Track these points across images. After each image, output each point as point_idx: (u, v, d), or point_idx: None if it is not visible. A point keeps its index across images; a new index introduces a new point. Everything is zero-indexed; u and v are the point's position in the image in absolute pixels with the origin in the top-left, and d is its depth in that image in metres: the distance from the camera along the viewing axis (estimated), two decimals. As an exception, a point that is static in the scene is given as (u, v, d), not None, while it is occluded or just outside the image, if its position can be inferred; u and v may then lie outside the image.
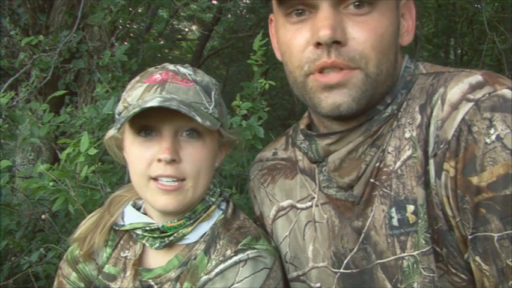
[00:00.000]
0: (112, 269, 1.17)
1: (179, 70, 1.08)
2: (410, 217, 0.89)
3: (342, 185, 0.98)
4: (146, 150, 1.03)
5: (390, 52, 0.92)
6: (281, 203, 1.15)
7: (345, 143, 0.95)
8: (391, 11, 0.91)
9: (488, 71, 0.87)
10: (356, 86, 0.89)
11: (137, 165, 1.05)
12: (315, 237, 1.06)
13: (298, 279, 1.10)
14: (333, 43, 0.86)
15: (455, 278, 0.88)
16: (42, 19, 3.02)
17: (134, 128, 1.05)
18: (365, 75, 0.89)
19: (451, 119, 0.83)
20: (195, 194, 1.06)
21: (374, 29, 0.88)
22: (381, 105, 0.95)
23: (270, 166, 1.20)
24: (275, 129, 5.33)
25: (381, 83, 0.92)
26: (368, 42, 0.87)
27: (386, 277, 0.93)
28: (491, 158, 0.77)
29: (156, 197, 1.04)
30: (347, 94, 0.89)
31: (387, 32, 0.89)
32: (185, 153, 1.03)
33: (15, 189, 2.47)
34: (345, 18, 0.88)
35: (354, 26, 0.87)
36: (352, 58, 0.88)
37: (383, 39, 0.89)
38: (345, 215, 1.00)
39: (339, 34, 0.86)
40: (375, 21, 0.88)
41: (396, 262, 0.91)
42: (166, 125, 1.02)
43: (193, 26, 7.62)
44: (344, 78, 0.89)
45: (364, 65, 0.88)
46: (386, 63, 0.91)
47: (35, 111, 2.19)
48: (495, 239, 0.78)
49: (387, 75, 0.92)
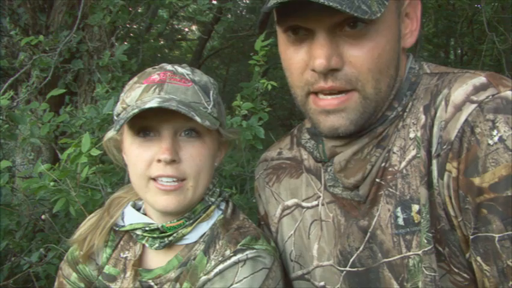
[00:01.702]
0: (112, 270, 1.17)
1: (178, 70, 1.08)
2: (415, 216, 0.90)
3: (348, 186, 0.98)
4: (146, 151, 1.03)
5: (390, 67, 0.91)
6: (286, 202, 1.15)
7: (352, 145, 0.96)
8: (390, 25, 0.90)
9: (492, 72, 0.88)
10: (355, 110, 0.90)
11: (137, 166, 1.04)
12: (320, 236, 1.06)
13: (302, 277, 1.10)
14: (329, 70, 0.87)
15: (458, 277, 0.88)
16: (42, 19, 3.02)
17: (133, 129, 1.04)
18: (363, 97, 0.90)
19: (454, 120, 0.83)
20: (195, 193, 1.06)
21: (371, 50, 0.87)
22: (389, 111, 0.95)
23: (275, 165, 1.21)
24: (275, 130, 5.34)
25: (382, 100, 0.93)
26: (364, 65, 0.87)
27: (392, 276, 0.93)
28: (493, 159, 0.78)
29: (156, 198, 1.04)
30: (345, 118, 0.90)
31: (384, 50, 0.89)
32: (185, 153, 1.03)
33: (15, 189, 2.47)
34: (341, 42, 0.87)
35: (350, 49, 0.87)
36: (349, 81, 0.88)
37: (380, 58, 0.88)
38: (351, 213, 1.00)
39: (335, 62, 0.86)
40: (372, 42, 0.87)
41: (402, 261, 0.92)
42: (165, 126, 1.02)
43: (193, 26, 7.62)
44: (341, 104, 0.90)
45: (361, 87, 0.89)
46: (384, 80, 0.91)
47: (35, 111, 2.19)
48: (496, 239, 0.78)
49: (387, 90, 0.93)
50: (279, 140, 1.26)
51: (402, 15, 0.95)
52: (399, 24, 0.94)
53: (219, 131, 1.10)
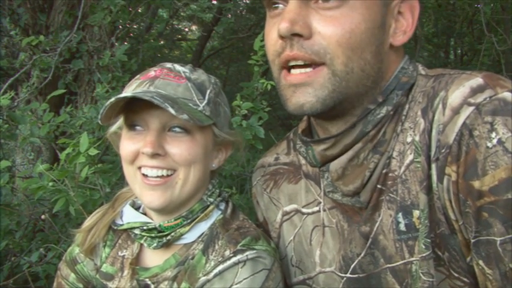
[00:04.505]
0: (109, 268, 1.17)
1: (175, 68, 1.09)
2: (417, 222, 0.89)
3: (347, 193, 0.97)
4: (134, 143, 1.05)
5: (365, 50, 0.88)
6: (285, 207, 1.14)
7: (340, 146, 0.94)
8: (369, 7, 0.87)
9: (489, 72, 0.86)
10: (323, 86, 0.87)
11: (125, 157, 1.07)
12: (322, 242, 1.05)
13: (304, 282, 1.09)
14: (294, 35, 0.85)
15: (457, 282, 0.87)
16: (42, 19, 3.02)
17: (127, 123, 1.07)
18: (332, 73, 0.87)
19: (452, 123, 0.82)
20: (184, 189, 1.05)
21: (342, 24, 0.85)
22: (372, 104, 0.93)
23: (272, 171, 1.19)
24: (275, 130, 5.33)
25: (355, 83, 0.89)
26: (333, 38, 0.85)
27: (396, 281, 0.92)
28: (492, 162, 0.77)
29: (143, 192, 1.05)
30: (312, 94, 0.88)
31: (358, 28, 0.86)
32: (172, 146, 1.03)
33: (15, 189, 2.47)
34: (313, 12, 0.86)
35: (321, 21, 0.85)
36: (316, 52, 0.86)
37: (353, 35, 0.85)
38: (353, 219, 0.99)
39: (299, 27, 0.85)
40: (344, 17, 0.85)
41: (405, 266, 0.91)
42: (153, 120, 1.03)
43: (193, 26, 7.62)
44: (308, 78, 0.88)
45: (329, 61, 0.86)
46: (358, 61, 0.87)
47: (35, 111, 2.19)
48: (498, 243, 0.77)
49: (362, 74, 0.89)
50: (276, 144, 1.25)
51: (392, 8, 0.92)
52: (386, 14, 0.91)
53: (214, 131, 1.09)
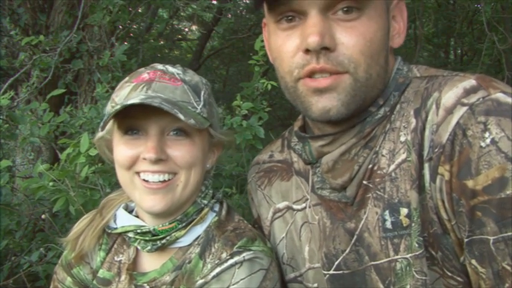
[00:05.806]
0: (106, 274, 1.16)
1: (168, 69, 1.07)
2: (404, 220, 0.90)
3: (336, 186, 0.98)
4: (132, 149, 1.02)
5: (380, 56, 0.92)
6: (277, 204, 1.15)
7: (338, 144, 0.96)
8: (380, 15, 0.92)
9: (482, 74, 0.88)
10: (345, 91, 0.90)
11: (122, 163, 1.04)
12: (310, 238, 1.06)
13: (295, 280, 1.10)
14: (322, 49, 0.87)
15: (451, 281, 0.88)
16: (42, 19, 3.02)
17: (121, 128, 1.04)
18: (354, 79, 0.89)
19: (445, 123, 0.83)
20: (184, 191, 1.05)
21: (363, 34, 0.88)
22: (373, 107, 0.95)
23: (266, 168, 1.21)
24: (275, 129, 5.33)
25: (372, 87, 0.92)
26: (356, 47, 0.88)
27: (379, 279, 0.93)
28: (486, 162, 0.78)
29: (143, 196, 1.03)
30: (336, 98, 0.90)
31: (376, 36, 0.90)
32: (173, 150, 1.02)
33: (15, 189, 2.47)
34: (333, 24, 0.88)
35: (343, 32, 0.88)
36: (341, 63, 0.88)
37: (372, 43, 0.89)
38: (337, 216, 1.00)
39: (328, 40, 0.87)
40: (364, 26, 0.88)
41: (389, 264, 0.92)
42: (152, 125, 1.01)
43: (193, 26, 7.62)
44: (333, 83, 0.89)
45: (353, 69, 0.89)
46: (375, 67, 0.91)
47: (35, 111, 2.19)
48: (491, 242, 0.78)
49: (378, 79, 0.93)
50: (271, 142, 1.26)
51: (390, 13, 0.96)
52: (389, 19, 0.95)
53: (210, 132, 1.09)
